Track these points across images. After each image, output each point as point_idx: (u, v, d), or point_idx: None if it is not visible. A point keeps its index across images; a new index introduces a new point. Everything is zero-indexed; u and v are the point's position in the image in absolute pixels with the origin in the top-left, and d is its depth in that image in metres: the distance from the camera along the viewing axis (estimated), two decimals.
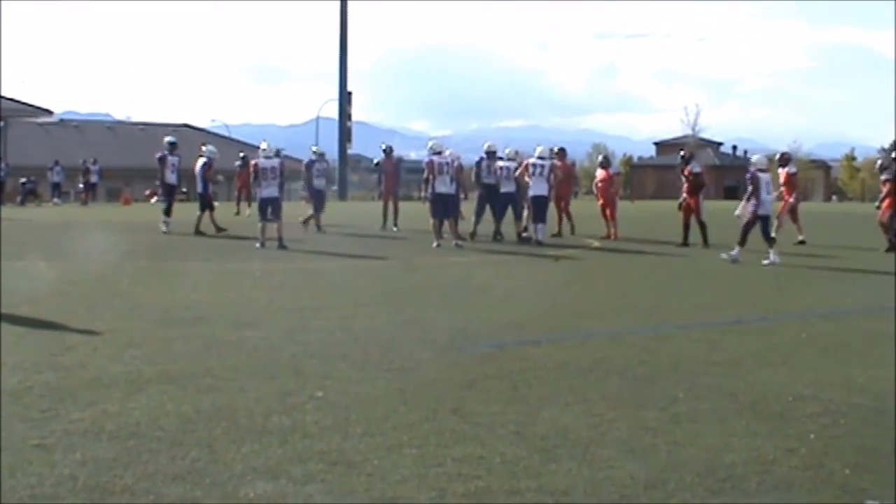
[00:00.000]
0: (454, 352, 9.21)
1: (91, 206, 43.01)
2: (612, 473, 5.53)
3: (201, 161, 24.16)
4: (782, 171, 23.68)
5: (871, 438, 6.35)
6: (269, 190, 20.74)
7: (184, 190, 35.26)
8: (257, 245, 20.13)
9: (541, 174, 21.88)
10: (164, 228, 23.76)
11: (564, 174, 24.77)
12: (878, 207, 22.09)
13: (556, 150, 24.96)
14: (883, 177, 22.25)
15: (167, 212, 24.13)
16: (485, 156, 23.16)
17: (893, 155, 25.23)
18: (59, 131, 78.47)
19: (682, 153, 23.85)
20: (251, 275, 15.76)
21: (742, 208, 18.58)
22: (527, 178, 22.05)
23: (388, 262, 18.61)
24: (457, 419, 6.66)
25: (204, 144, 26.83)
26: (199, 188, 24.14)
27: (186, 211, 30.73)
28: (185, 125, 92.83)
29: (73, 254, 18.77)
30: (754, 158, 19.21)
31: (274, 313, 11.43)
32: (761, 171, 18.44)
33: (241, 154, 36.06)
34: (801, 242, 22.63)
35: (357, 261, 18.66)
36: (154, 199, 55.37)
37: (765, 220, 18.44)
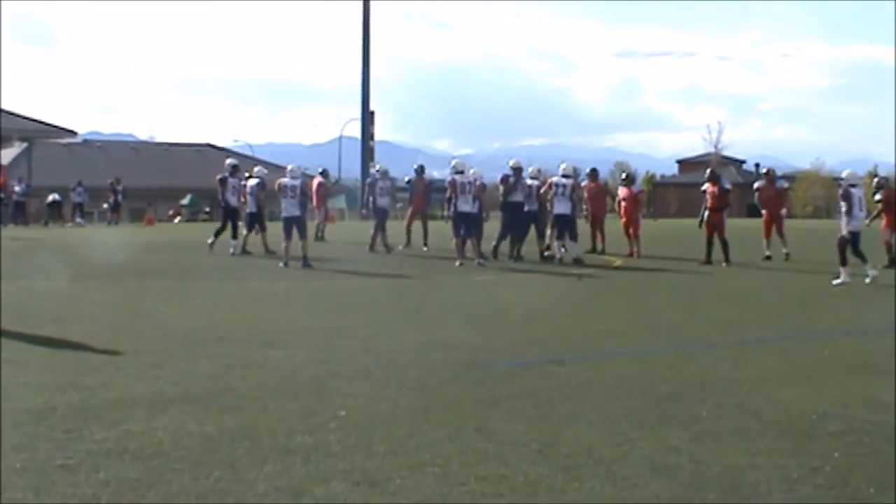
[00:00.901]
0: (477, 370, 9.21)
1: (114, 227, 43.18)
2: (635, 492, 5.53)
3: (253, 182, 24.22)
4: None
5: None
6: (290, 209, 20.87)
7: (206, 210, 35.43)
8: (280, 265, 20.17)
9: (563, 193, 21.87)
10: (232, 251, 23.35)
11: (598, 193, 24.89)
12: (869, 224, 22.05)
13: (587, 171, 25.13)
14: (877, 197, 22.33)
15: (234, 235, 23.78)
16: (510, 173, 23.04)
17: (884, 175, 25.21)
18: (83, 151, 78.85)
19: (709, 170, 23.85)
20: (275, 294, 15.81)
21: (844, 226, 18.07)
22: (549, 197, 22.07)
23: (411, 280, 18.61)
24: (480, 438, 6.66)
25: (255, 166, 27.11)
26: (251, 208, 24.12)
27: (208, 230, 30.87)
28: (209, 145, 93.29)
29: (97, 273, 18.83)
30: (845, 174, 18.87)
31: (297, 333, 11.47)
32: (853, 186, 18.16)
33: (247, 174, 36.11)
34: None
35: (380, 280, 18.66)
36: (177, 219, 55.71)
37: (855, 237, 18.06)
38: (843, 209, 18.10)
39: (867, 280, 17.59)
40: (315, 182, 28.85)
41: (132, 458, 6.09)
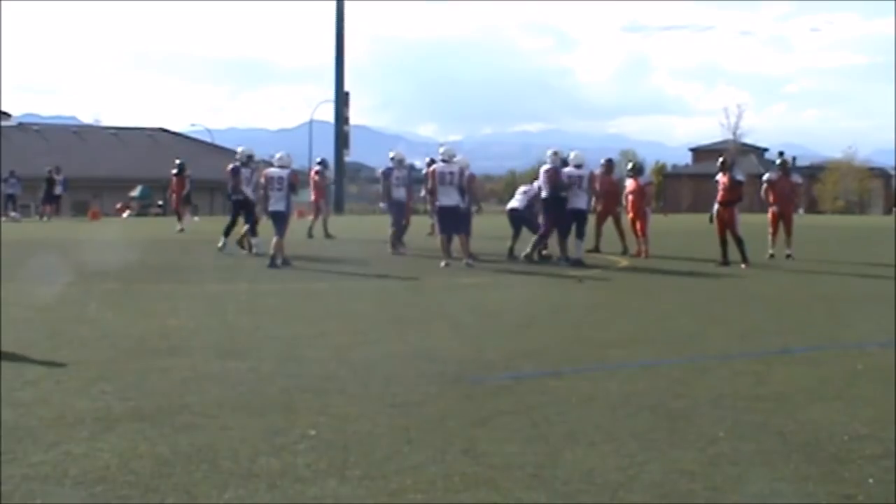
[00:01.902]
0: (465, 384, 9.21)
1: (53, 221, 43.08)
2: None
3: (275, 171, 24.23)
4: None
5: None
6: (277, 203, 21.06)
7: (159, 203, 35.58)
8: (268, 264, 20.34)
9: (579, 186, 21.96)
10: (255, 250, 23.36)
11: (612, 187, 25.01)
12: None
13: (602, 162, 25.31)
14: None
15: (252, 231, 23.75)
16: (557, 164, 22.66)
17: None
18: (18, 136, 78.62)
19: (721, 159, 23.95)
20: (237, 298, 15.79)
21: None
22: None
23: (392, 282, 18.62)
24: (468, 461, 6.64)
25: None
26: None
27: (161, 226, 30.88)
28: (162, 129, 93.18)
29: (34, 276, 18.78)
30: None
31: (262, 341, 11.45)
32: None
33: (178, 161, 36.18)
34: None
35: (357, 281, 18.66)
36: (126, 213, 55.55)
37: None
38: None
39: None
40: (313, 173, 29.19)
41: (73, 483, 6.05)
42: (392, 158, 25.34)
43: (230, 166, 24.36)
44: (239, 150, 24.94)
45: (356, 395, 8.59)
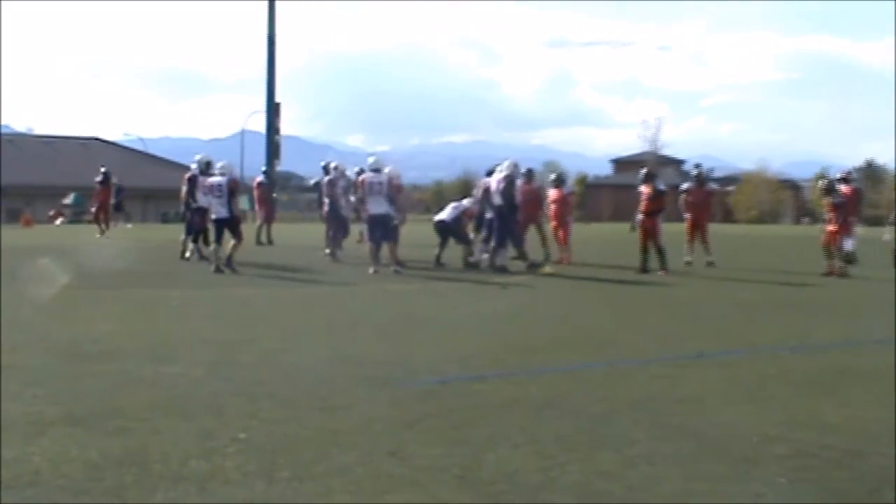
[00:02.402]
0: (392, 388, 9.19)
1: None
2: None
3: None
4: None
5: (845, 482, 6.42)
6: (219, 210, 21.20)
7: (92, 210, 35.31)
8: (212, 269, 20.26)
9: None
10: (188, 255, 23.16)
11: (534, 195, 25.03)
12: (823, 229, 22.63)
13: (523, 171, 25.33)
14: (829, 200, 22.84)
15: (196, 239, 23.27)
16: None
17: (838, 176, 25.75)
18: None
19: (644, 170, 24.16)
20: (169, 303, 15.65)
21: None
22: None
23: (322, 289, 18.56)
24: (394, 462, 6.64)
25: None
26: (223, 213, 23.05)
27: (94, 232, 30.54)
28: (95, 138, 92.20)
29: None
30: None
31: (194, 347, 11.35)
32: None
33: (102, 169, 35.82)
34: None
35: (287, 288, 18.58)
36: (59, 220, 54.86)
37: None
38: None
39: None
40: (256, 182, 29.20)
41: (5, 487, 5.95)
42: (336, 168, 25.07)
43: (187, 174, 23.80)
44: (197, 157, 24.46)
45: (286, 399, 8.54)
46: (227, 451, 6.80)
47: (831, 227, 22.33)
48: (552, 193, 25.82)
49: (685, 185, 25.13)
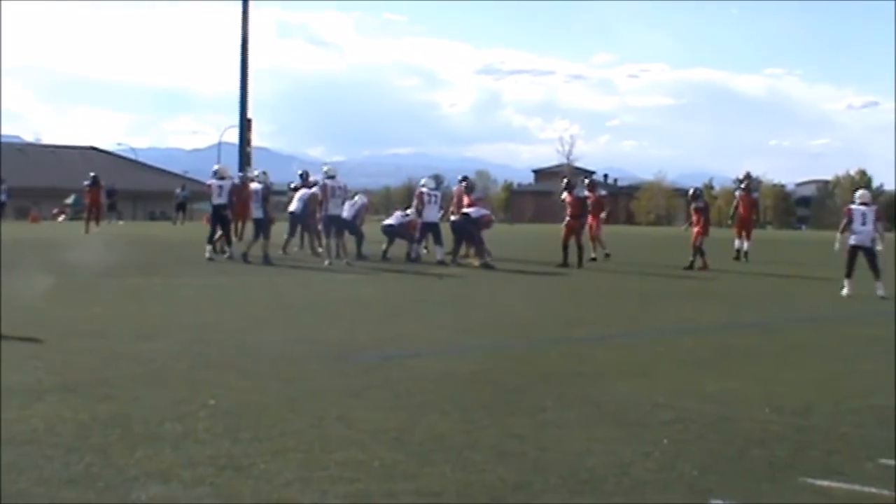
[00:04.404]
0: (342, 363, 9.19)
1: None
2: (482, 476, 5.57)
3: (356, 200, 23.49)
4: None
5: (718, 443, 6.50)
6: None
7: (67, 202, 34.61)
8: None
9: (434, 202, 22.74)
10: (227, 254, 22.00)
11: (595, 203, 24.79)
12: (686, 230, 23.06)
13: (459, 179, 25.50)
14: (694, 205, 23.32)
15: (229, 240, 22.33)
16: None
17: (702, 185, 26.29)
18: None
19: (566, 180, 24.21)
20: (153, 290, 15.51)
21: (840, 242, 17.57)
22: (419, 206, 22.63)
23: (284, 279, 18.48)
24: (342, 426, 6.64)
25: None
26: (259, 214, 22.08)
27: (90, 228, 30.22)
28: (92, 148, 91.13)
29: None
30: (858, 193, 18.04)
31: (174, 327, 11.27)
32: (863, 204, 17.43)
33: (91, 174, 35.13)
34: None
35: (256, 278, 18.47)
36: (61, 218, 54.26)
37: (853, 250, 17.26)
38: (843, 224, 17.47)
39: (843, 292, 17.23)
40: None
41: (5, 444, 5.88)
42: (325, 172, 22.35)
43: (212, 182, 22.57)
44: (216, 166, 24.00)
45: (250, 372, 8.50)
46: (198, 415, 6.75)
47: (697, 228, 22.68)
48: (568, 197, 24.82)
49: (584, 193, 24.76)
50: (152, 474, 5.40)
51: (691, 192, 25.40)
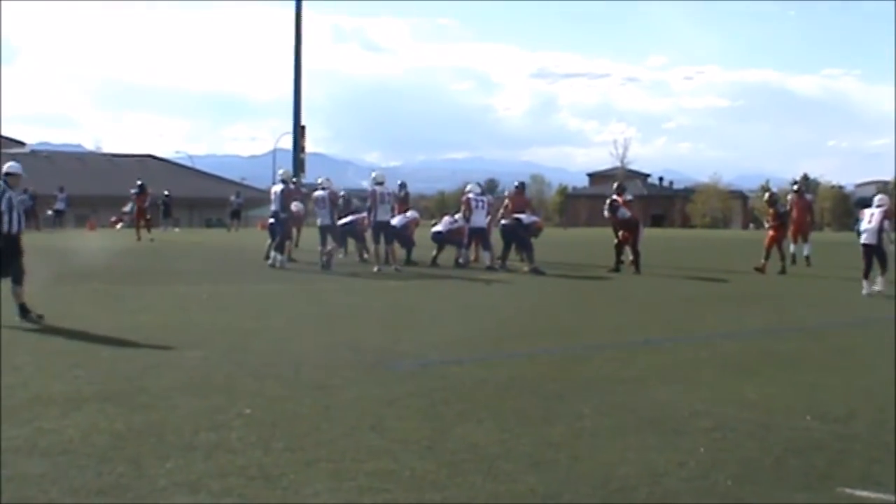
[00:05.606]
0: (380, 370, 9.16)
1: (52, 232, 42.22)
2: (512, 487, 5.51)
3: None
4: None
5: (755, 451, 6.38)
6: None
7: (147, 217, 34.83)
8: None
9: (481, 207, 22.82)
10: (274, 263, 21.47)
11: (525, 206, 24.78)
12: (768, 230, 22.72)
13: (515, 184, 25.60)
14: (772, 210, 22.88)
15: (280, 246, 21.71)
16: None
17: (794, 188, 25.80)
18: (30, 161, 77.42)
19: (616, 183, 24.09)
20: (199, 297, 15.58)
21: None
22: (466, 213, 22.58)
23: (332, 285, 18.48)
24: (374, 435, 6.61)
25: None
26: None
27: (145, 236, 30.57)
28: (149, 156, 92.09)
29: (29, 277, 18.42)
30: (877, 198, 18.07)
31: (217, 335, 11.29)
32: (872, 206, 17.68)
33: (139, 182, 35.46)
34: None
35: (300, 284, 18.50)
36: (119, 225, 54.93)
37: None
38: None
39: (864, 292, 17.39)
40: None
41: (40, 454, 5.94)
42: (374, 179, 21.94)
43: (280, 188, 22.39)
44: (280, 171, 24.41)
45: (288, 380, 8.50)
46: (232, 425, 6.76)
47: (772, 233, 22.33)
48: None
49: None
50: (181, 485, 5.41)
51: (767, 196, 24.76)
